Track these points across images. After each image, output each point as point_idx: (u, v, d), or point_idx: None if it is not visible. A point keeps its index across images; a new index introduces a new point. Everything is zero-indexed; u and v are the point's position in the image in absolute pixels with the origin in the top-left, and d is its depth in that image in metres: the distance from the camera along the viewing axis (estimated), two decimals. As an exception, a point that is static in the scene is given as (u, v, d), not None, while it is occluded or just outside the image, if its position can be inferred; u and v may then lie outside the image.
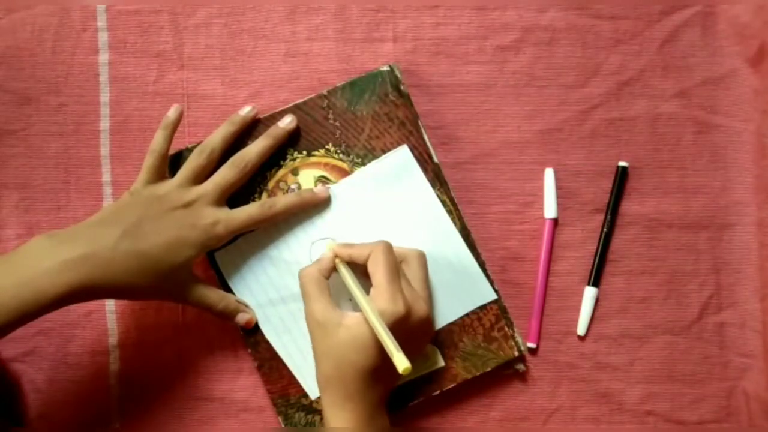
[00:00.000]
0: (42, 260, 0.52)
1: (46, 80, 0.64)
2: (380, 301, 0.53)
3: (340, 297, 0.59)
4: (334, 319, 0.54)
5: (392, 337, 0.51)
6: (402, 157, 0.61)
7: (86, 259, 0.53)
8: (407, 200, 0.61)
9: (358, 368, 0.53)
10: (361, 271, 0.57)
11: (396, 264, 0.56)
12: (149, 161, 0.58)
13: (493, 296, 0.61)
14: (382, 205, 0.61)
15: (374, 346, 0.53)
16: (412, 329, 0.55)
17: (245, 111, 0.61)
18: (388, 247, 0.56)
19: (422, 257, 0.59)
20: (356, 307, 0.57)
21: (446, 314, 0.61)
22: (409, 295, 0.55)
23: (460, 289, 0.61)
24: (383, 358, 0.52)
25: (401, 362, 0.49)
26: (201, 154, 0.59)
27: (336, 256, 0.58)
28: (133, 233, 0.55)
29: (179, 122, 0.60)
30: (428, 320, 0.57)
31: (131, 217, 0.56)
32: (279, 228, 0.61)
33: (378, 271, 0.55)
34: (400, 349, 0.50)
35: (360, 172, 0.61)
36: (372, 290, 0.55)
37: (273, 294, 0.61)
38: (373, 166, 0.61)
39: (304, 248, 0.61)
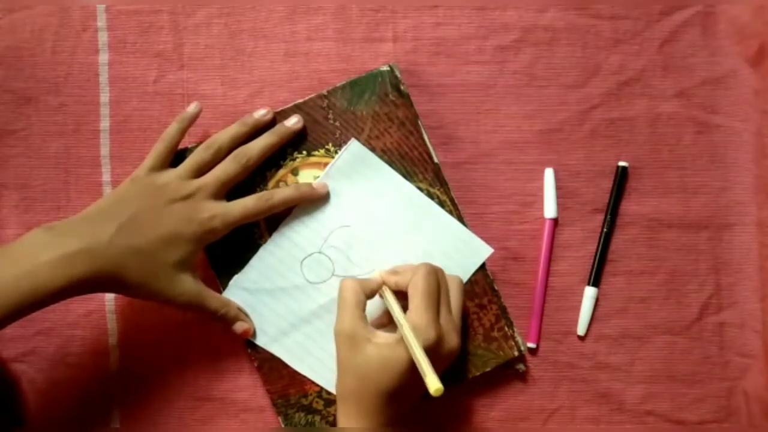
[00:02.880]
0: (40, 254, 0.52)
1: (46, 80, 0.64)
2: (413, 325, 0.53)
3: (372, 318, 0.59)
4: (364, 335, 0.54)
5: (427, 358, 0.50)
6: (354, 150, 0.61)
7: (83, 253, 0.53)
8: (376, 189, 0.61)
9: (380, 387, 0.53)
10: (404, 295, 0.56)
11: (437, 290, 0.55)
12: (158, 147, 0.59)
13: (490, 250, 0.61)
14: (357, 202, 0.61)
15: (402, 369, 0.52)
16: (439, 358, 0.54)
17: (260, 114, 0.60)
18: (430, 271, 0.55)
19: (461, 284, 0.59)
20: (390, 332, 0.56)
21: None
22: (444, 325, 0.54)
23: (458, 256, 0.61)
24: (408, 381, 0.52)
25: (433, 384, 0.48)
26: (207, 150, 0.59)
27: (384, 283, 0.58)
28: (128, 228, 0.55)
29: (196, 118, 0.60)
30: (456, 352, 0.56)
31: (128, 209, 0.56)
32: (263, 259, 0.61)
33: (416, 295, 0.54)
34: (434, 371, 0.49)
35: (321, 178, 0.61)
36: (408, 313, 0.54)
37: (282, 324, 0.61)
38: (330, 168, 0.61)
39: (294, 271, 0.61)
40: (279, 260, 0.61)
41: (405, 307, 0.55)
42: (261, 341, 0.61)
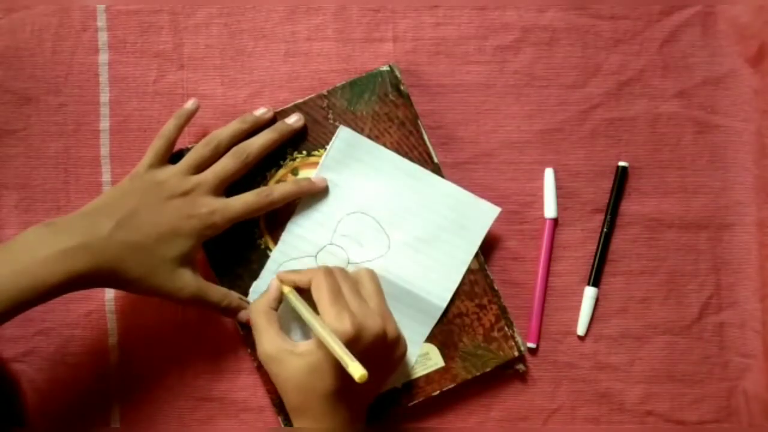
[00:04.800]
0: (39, 249, 0.52)
1: (46, 80, 0.64)
2: (326, 323, 0.53)
3: (292, 326, 0.60)
4: (286, 349, 0.54)
5: (344, 347, 0.51)
6: (344, 137, 0.61)
7: (82, 248, 0.53)
8: (374, 170, 0.61)
9: (322, 393, 0.54)
10: (308, 297, 0.57)
11: (338, 284, 0.56)
12: (156, 144, 0.58)
13: (498, 209, 0.61)
14: (357, 187, 0.61)
15: (332, 368, 0.53)
16: (369, 347, 0.54)
17: (260, 112, 0.61)
18: (328, 270, 0.57)
19: (371, 273, 0.60)
20: (307, 335, 0.58)
21: (468, 248, 0.61)
22: (359, 313, 0.54)
23: (467, 221, 0.61)
24: (345, 378, 0.51)
25: (356, 370, 0.48)
26: (207, 146, 0.59)
27: (281, 282, 0.58)
28: (127, 223, 0.55)
29: (194, 115, 0.60)
30: (384, 335, 0.55)
31: (128, 205, 0.56)
32: (277, 261, 0.61)
33: (321, 295, 0.55)
34: (354, 358, 0.49)
35: (318, 170, 0.61)
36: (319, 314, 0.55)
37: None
38: (325, 159, 0.61)
39: (310, 266, 0.61)
40: (293, 259, 0.61)
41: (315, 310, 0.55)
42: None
